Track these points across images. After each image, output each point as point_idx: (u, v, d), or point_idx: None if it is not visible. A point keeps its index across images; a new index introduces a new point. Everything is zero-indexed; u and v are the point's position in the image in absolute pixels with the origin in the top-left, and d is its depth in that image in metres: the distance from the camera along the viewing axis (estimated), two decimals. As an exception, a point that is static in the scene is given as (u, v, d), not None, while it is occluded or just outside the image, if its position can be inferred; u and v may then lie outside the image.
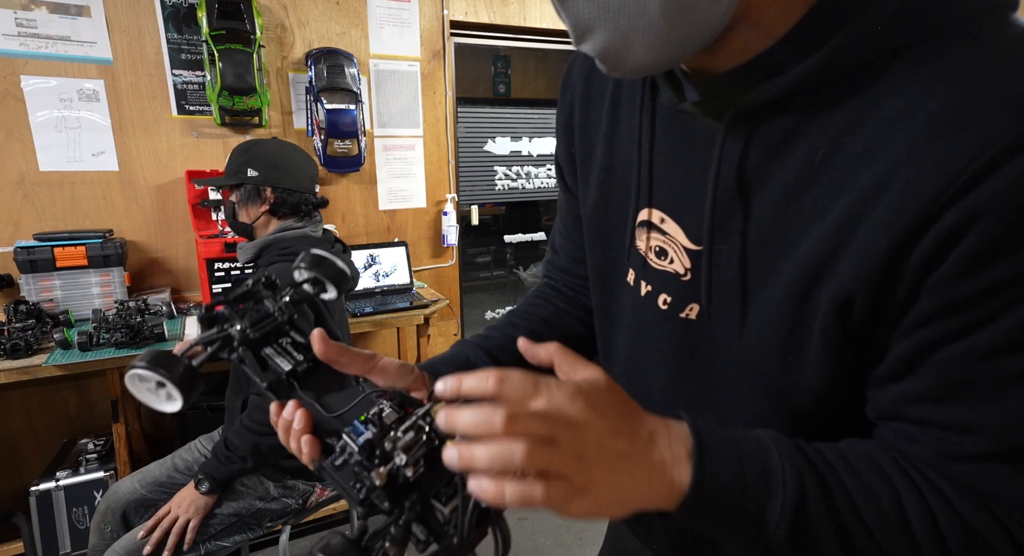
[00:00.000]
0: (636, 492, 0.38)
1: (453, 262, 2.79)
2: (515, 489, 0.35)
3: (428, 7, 2.49)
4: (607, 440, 0.38)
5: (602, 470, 0.37)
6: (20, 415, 2.08)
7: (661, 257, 0.54)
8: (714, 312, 0.50)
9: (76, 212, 2.06)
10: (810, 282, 0.42)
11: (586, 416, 0.37)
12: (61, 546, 1.82)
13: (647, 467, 0.39)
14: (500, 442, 0.35)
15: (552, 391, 0.37)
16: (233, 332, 0.48)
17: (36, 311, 1.82)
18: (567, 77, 0.66)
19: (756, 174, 0.45)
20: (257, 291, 0.50)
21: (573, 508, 0.36)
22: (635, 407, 0.41)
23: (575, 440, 0.36)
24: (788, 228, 0.43)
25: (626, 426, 0.39)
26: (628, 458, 0.38)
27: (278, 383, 0.48)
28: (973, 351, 0.38)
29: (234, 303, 0.49)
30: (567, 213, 0.73)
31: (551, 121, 3.05)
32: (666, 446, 0.40)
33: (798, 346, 0.44)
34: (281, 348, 0.49)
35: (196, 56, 2.13)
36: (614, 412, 0.39)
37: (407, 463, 0.38)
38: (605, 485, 0.37)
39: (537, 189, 3.10)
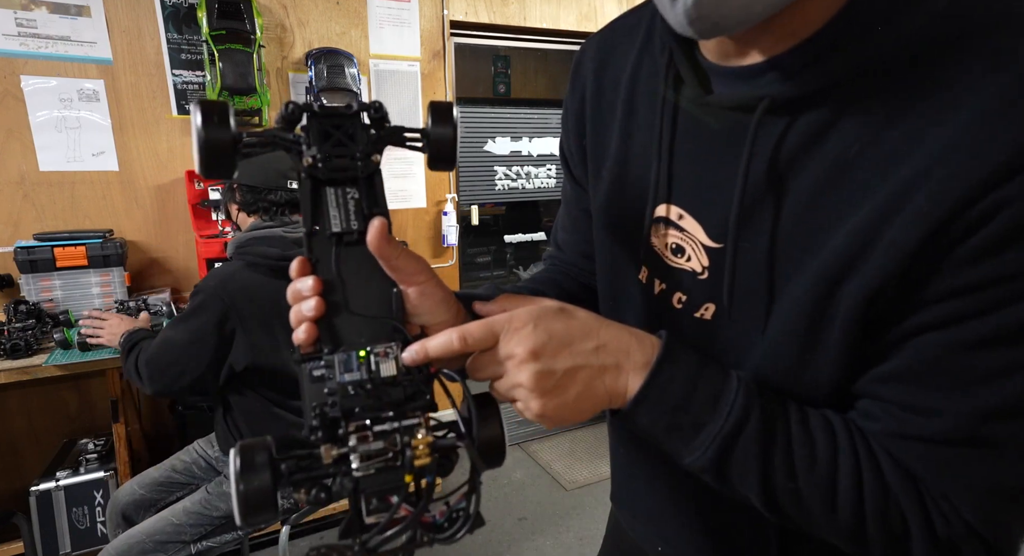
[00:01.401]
0: (590, 394, 0.44)
1: (453, 262, 2.79)
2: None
3: (428, 7, 2.49)
4: (559, 356, 0.43)
5: (558, 381, 0.43)
6: (20, 415, 2.09)
7: (678, 254, 0.53)
8: (733, 312, 0.49)
9: (76, 212, 2.06)
10: (836, 277, 0.41)
11: (536, 343, 0.43)
12: (61, 546, 1.82)
13: (600, 371, 0.44)
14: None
15: (507, 334, 0.44)
16: (305, 155, 0.41)
17: (36, 311, 1.82)
18: (577, 67, 0.65)
19: (788, 168, 0.44)
20: (355, 122, 0.43)
21: (540, 409, 0.43)
22: (588, 323, 0.45)
23: (536, 365, 0.43)
24: (816, 225, 0.43)
25: (577, 340, 0.44)
26: (581, 367, 0.44)
27: (319, 236, 0.42)
28: (960, 340, 0.38)
29: (322, 119, 0.42)
30: (574, 206, 0.71)
31: (551, 121, 3.05)
32: (623, 352, 0.45)
33: (817, 342, 0.44)
34: (343, 198, 0.43)
35: (196, 56, 2.13)
36: (564, 330, 0.44)
37: (358, 468, 0.37)
38: (570, 388, 0.44)
39: (537, 189, 3.09)
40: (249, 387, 1.46)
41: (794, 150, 0.43)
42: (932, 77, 0.38)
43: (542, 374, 0.42)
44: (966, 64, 0.37)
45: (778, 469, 0.43)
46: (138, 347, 1.43)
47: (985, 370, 0.38)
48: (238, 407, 1.48)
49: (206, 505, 1.44)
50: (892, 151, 0.39)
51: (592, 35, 0.64)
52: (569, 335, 0.44)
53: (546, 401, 0.43)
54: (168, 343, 1.35)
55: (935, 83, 0.38)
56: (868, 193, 0.40)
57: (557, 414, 0.44)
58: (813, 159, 0.42)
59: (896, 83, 0.39)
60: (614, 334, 0.45)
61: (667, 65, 0.52)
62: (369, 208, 0.43)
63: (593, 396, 0.44)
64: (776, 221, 0.45)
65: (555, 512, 2.34)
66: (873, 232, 0.39)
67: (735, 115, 0.47)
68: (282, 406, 1.49)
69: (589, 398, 0.44)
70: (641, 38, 0.57)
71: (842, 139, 0.41)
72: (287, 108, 0.40)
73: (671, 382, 0.44)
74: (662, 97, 0.52)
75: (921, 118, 0.38)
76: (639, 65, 0.57)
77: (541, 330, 0.43)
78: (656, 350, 0.45)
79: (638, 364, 0.44)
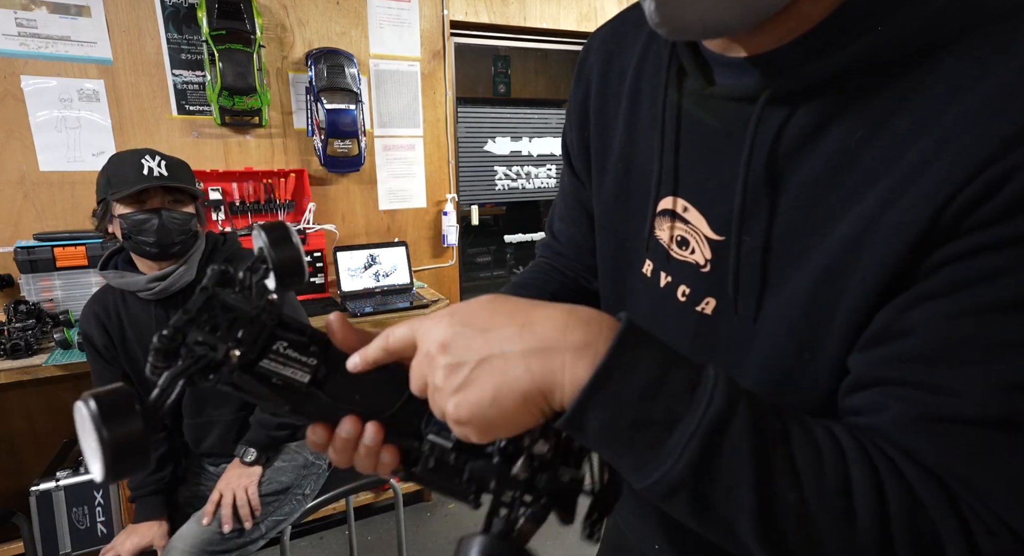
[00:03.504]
0: (511, 388, 0.35)
1: (453, 262, 2.79)
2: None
3: (428, 7, 2.49)
4: (472, 346, 0.37)
5: (469, 374, 0.36)
6: (20, 415, 2.08)
7: (683, 247, 0.52)
8: (731, 305, 0.48)
9: (76, 212, 2.06)
10: (838, 272, 0.40)
11: (447, 334, 0.37)
12: (61, 546, 1.81)
13: (522, 356, 0.35)
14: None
15: (422, 332, 0.39)
16: (222, 356, 0.37)
17: (36, 311, 1.82)
18: (583, 59, 0.64)
19: (788, 161, 0.43)
20: (216, 294, 0.39)
21: (454, 411, 0.37)
22: (518, 307, 0.38)
23: (445, 358, 0.37)
24: (818, 216, 0.42)
25: (497, 326, 0.37)
26: (497, 355, 0.36)
27: (300, 398, 0.40)
28: (970, 308, 0.34)
29: (197, 318, 0.38)
30: (571, 198, 0.70)
31: (551, 121, 3.05)
32: (555, 331, 0.36)
33: (818, 340, 0.43)
34: (281, 356, 0.39)
35: (196, 56, 2.13)
36: (484, 317, 0.38)
37: (545, 450, 0.38)
38: (485, 381, 0.36)
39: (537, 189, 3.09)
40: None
41: (796, 141, 0.43)
42: (934, 68, 0.37)
43: (450, 367, 0.36)
44: (968, 55, 0.36)
45: (778, 476, 0.34)
46: (263, 436, 1.43)
47: (1003, 338, 0.34)
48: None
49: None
50: (898, 138, 0.38)
51: (599, 27, 0.64)
52: (488, 322, 0.37)
53: (458, 400, 0.36)
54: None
55: (937, 74, 0.37)
56: (872, 182, 0.39)
57: (474, 416, 0.36)
58: (816, 150, 0.42)
59: (901, 73, 0.38)
60: (546, 313, 0.37)
61: (670, 56, 0.52)
62: (298, 333, 0.40)
63: (516, 390, 0.35)
64: (773, 215, 0.44)
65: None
66: (874, 222, 0.38)
67: (737, 106, 0.46)
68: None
69: (511, 393, 0.35)
70: (647, 32, 0.57)
71: (845, 130, 0.41)
72: (159, 340, 0.36)
73: (636, 364, 0.35)
74: (664, 88, 0.52)
75: (921, 109, 0.37)
76: (644, 57, 0.57)
77: (456, 320, 0.38)
78: (610, 327, 0.36)
79: (578, 344, 0.35)
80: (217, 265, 0.40)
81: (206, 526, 1.31)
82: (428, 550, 2.13)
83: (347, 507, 1.95)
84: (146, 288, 1.36)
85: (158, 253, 1.34)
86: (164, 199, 1.35)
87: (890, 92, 0.39)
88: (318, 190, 2.41)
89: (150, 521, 1.35)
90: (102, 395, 0.34)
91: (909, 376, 0.36)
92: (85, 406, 0.34)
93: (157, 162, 1.32)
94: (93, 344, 1.42)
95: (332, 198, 2.46)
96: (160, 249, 1.33)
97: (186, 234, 1.37)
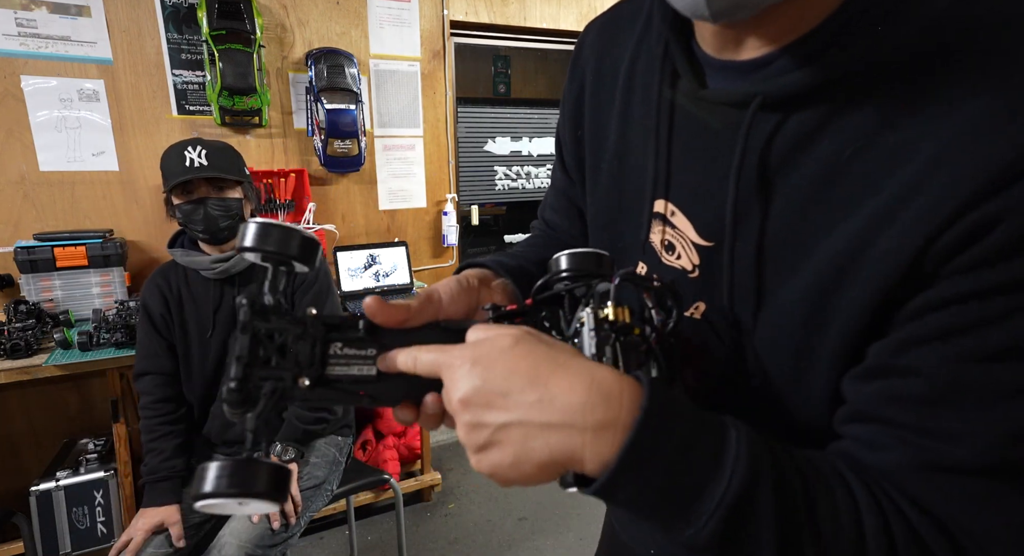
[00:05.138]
0: (529, 457, 0.36)
1: (453, 262, 2.79)
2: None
3: (428, 7, 2.49)
4: (492, 408, 0.37)
5: (490, 438, 0.37)
6: (20, 415, 2.09)
7: (669, 252, 0.52)
8: (723, 312, 0.47)
9: (76, 212, 2.06)
10: (832, 282, 0.40)
11: (466, 390, 0.37)
12: (61, 546, 1.81)
13: (542, 430, 0.36)
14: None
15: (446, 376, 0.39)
16: (291, 383, 0.39)
17: (36, 311, 1.82)
18: (578, 52, 0.63)
19: (779, 167, 0.43)
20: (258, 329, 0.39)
21: (476, 464, 0.39)
22: (539, 366, 0.37)
23: (465, 415, 0.38)
24: (808, 226, 0.41)
25: (517, 390, 0.37)
26: (515, 424, 0.36)
27: (375, 389, 0.41)
28: (971, 351, 0.35)
29: (252, 360, 0.39)
30: (561, 193, 0.69)
31: (551, 121, 3.05)
32: (574, 409, 0.36)
33: (812, 349, 0.42)
34: (342, 358, 0.40)
35: (196, 56, 2.13)
36: (503, 374, 0.37)
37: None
38: (504, 447, 0.37)
39: (537, 189, 3.09)
40: None
41: (788, 148, 0.42)
42: (930, 80, 0.37)
43: (471, 427, 0.38)
44: (965, 67, 0.36)
45: (799, 535, 0.35)
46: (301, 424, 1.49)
47: (1006, 385, 0.34)
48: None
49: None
50: (888, 155, 0.38)
51: (592, 20, 0.63)
52: (507, 382, 0.37)
53: (480, 458, 0.38)
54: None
55: (932, 86, 0.37)
56: (862, 197, 0.39)
57: (498, 474, 0.38)
58: (807, 158, 0.41)
59: (893, 84, 0.38)
60: (566, 385, 0.36)
61: (663, 57, 0.51)
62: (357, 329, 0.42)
63: (534, 460, 0.36)
64: (764, 220, 0.44)
65: (555, 512, 2.34)
66: (869, 238, 0.38)
67: (729, 111, 0.46)
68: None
69: (529, 461, 0.36)
70: (640, 26, 0.56)
71: (836, 140, 0.40)
72: (231, 394, 0.38)
73: (661, 443, 0.35)
74: (658, 90, 0.51)
75: (918, 122, 0.37)
76: (637, 54, 0.56)
77: (476, 374, 0.37)
78: (632, 400, 0.36)
79: (600, 424, 0.35)
80: (240, 297, 0.40)
81: (256, 524, 1.36)
82: (428, 550, 2.13)
83: (347, 507, 1.95)
84: (210, 268, 1.47)
85: (209, 238, 1.46)
86: (208, 188, 1.44)
87: (882, 103, 0.38)
88: (318, 190, 2.41)
89: (160, 506, 1.37)
90: (225, 484, 0.36)
91: (912, 420, 0.37)
92: (225, 497, 0.36)
93: (198, 152, 1.39)
94: (149, 314, 1.49)
95: (332, 198, 2.46)
96: (210, 235, 1.45)
97: (232, 219, 1.46)
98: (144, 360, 1.49)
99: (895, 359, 0.38)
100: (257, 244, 0.40)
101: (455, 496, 2.45)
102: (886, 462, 0.38)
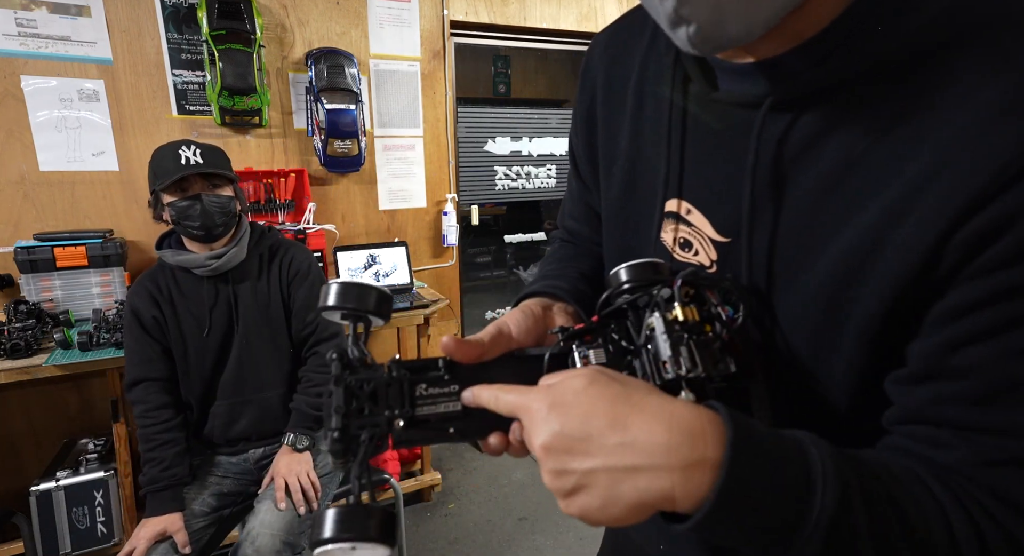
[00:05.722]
0: (617, 500, 0.37)
1: (453, 262, 2.79)
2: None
3: (428, 7, 2.49)
4: (574, 454, 0.37)
5: (576, 483, 0.38)
6: (20, 415, 2.08)
7: (685, 249, 0.53)
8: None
9: (76, 212, 2.06)
10: (847, 277, 0.41)
11: (547, 437, 0.38)
12: (61, 546, 1.81)
13: (628, 474, 0.36)
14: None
15: (525, 421, 0.40)
16: (386, 426, 0.42)
17: (36, 311, 1.82)
18: (587, 66, 0.65)
19: (792, 165, 0.44)
20: (350, 383, 0.43)
21: (565, 509, 0.39)
22: (616, 408, 0.38)
23: (549, 462, 0.38)
24: (822, 221, 0.43)
25: (597, 435, 0.37)
26: (601, 470, 0.37)
27: (463, 423, 0.44)
28: (1015, 348, 0.35)
29: (348, 409, 0.42)
30: (579, 200, 0.72)
31: (551, 121, 3.05)
32: (657, 451, 0.36)
33: (832, 341, 0.43)
34: (428, 398, 0.44)
35: (196, 56, 2.13)
36: (581, 419, 0.37)
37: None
38: (592, 491, 0.37)
39: (537, 189, 3.09)
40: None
41: (800, 147, 0.43)
42: (937, 76, 0.38)
43: (555, 474, 0.38)
44: (970, 63, 0.37)
45: (895, 542, 0.36)
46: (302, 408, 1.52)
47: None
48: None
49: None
50: (899, 150, 0.39)
51: (600, 32, 0.65)
52: (586, 426, 0.37)
53: (568, 503, 0.38)
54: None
55: (940, 82, 0.37)
56: (875, 192, 0.40)
57: (589, 517, 0.38)
58: (819, 156, 0.43)
59: (900, 82, 0.39)
60: (646, 426, 0.36)
61: (674, 61, 0.52)
62: (437, 370, 0.45)
63: (623, 503, 0.36)
64: (778, 217, 0.45)
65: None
66: (883, 231, 0.39)
67: (740, 112, 0.47)
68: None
69: (618, 505, 0.37)
70: (650, 33, 0.57)
71: (847, 138, 0.41)
72: (333, 444, 0.41)
73: (752, 478, 0.35)
74: (670, 93, 0.52)
75: (926, 117, 0.38)
76: (647, 61, 0.57)
77: (553, 419, 0.38)
78: (716, 436, 0.36)
79: (688, 463, 0.35)
80: (331, 353, 0.43)
81: (284, 511, 1.38)
82: (428, 550, 2.13)
83: (347, 507, 1.95)
84: (204, 265, 1.47)
85: (204, 235, 1.45)
86: (203, 185, 1.45)
87: (890, 103, 0.39)
88: (318, 190, 2.41)
89: (162, 514, 1.36)
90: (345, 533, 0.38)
91: (969, 419, 0.38)
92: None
93: (193, 151, 1.42)
94: (140, 319, 1.48)
95: (332, 198, 2.46)
96: (205, 231, 1.44)
97: (227, 215, 1.47)
98: (137, 367, 1.47)
99: (942, 362, 0.38)
100: (339, 303, 0.44)
101: (455, 496, 2.45)
102: (954, 459, 0.38)
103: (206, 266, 1.47)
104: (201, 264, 1.47)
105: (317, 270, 1.64)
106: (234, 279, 1.52)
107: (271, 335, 1.55)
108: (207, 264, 1.47)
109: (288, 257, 1.60)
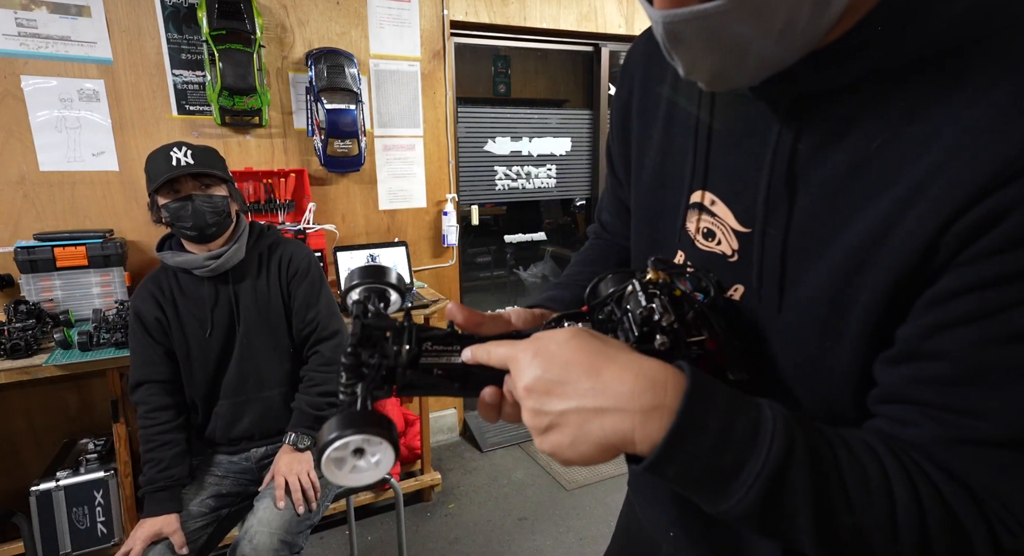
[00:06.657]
0: (586, 439, 0.41)
1: (453, 262, 2.79)
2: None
3: (428, 7, 2.49)
4: (552, 394, 0.42)
5: (551, 422, 0.42)
6: (20, 415, 2.09)
7: (708, 238, 0.55)
8: (759, 294, 0.50)
9: (76, 212, 2.06)
10: (854, 267, 0.43)
11: (529, 378, 0.42)
12: (61, 546, 1.82)
13: (596, 414, 0.41)
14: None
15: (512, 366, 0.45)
16: (394, 358, 0.46)
17: (36, 311, 1.82)
18: (626, 67, 0.68)
19: (808, 160, 0.46)
20: (368, 322, 0.48)
21: (539, 445, 0.44)
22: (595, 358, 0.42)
23: (529, 401, 0.43)
24: (834, 215, 0.44)
25: (574, 379, 0.41)
26: (573, 410, 0.41)
27: (463, 376, 0.49)
28: (993, 334, 0.37)
29: (363, 341, 0.47)
30: (614, 197, 0.77)
31: (551, 121, 3.04)
32: (624, 395, 0.40)
33: (837, 330, 0.45)
34: (433, 352, 0.48)
35: (196, 56, 2.13)
36: (562, 364, 0.42)
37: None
38: (564, 429, 0.42)
39: (537, 189, 3.09)
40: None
41: (815, 143, 0.46)
42: (950, 77, 0.39)
43: (533, 413, 0.43)
44: (983, 65, 0.38)
45: (834, 503, 0.39)
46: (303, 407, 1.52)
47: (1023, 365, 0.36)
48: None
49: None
50: (910, 148, 0.40)
51: (639, 36, 0.69)
52: (565, 372, 0.42)
53: (542, 440, 0.43)
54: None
55: (952, 83, 0.39)
56: (886, 188, 0.41)
57: (559, 455, 0.43)
58: (834, 152, 0.45)
59: (915, 82, 0.41)
60: (616, 374, 0.41)
61: None
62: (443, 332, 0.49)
63: (590, 440, 0.41)
64: (792, 209, 0.47)
65: (555, 512, 2.34)
66: (889, 225, 0.40)
67: (763, 106, 0.49)
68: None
69: (585, 442, 0.41)
70: None
71: (863, 134, 0.43)
72: (346, 358, 0.46)
73: (704, 423, 0.39)
74: (699, 89, 0.55)
75: (938, 116, 0.39)
76: None
77: (537, 364, 0.43)
78: (676, 387, 0.40)
79: (648, 407, 0.40)
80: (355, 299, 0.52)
81: (282, 509, 1.38)
82: (428, 550, 2.13)
83: (347, 507, 1.95)
84: (203, 265, 1.48)
85: (197, 236, 1.45)
86: (194, 185, 1.45)
87: (905, 101, 0.41)
88: (318, 190, 2.41)
89: (159, 515, 1.36)
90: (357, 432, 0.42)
91: (938, 399, 0.40)
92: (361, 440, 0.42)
93: (184, 152, 1.42)
94: (143, 321, 1.49)
95: (332, 198, 2.46)
96: (198, 231, 1.44)
97: (220, 215, 1.46)
98: (140, 369, 1.48)
99: (922, 343, 0.40)
100: (362, 278, 0.52)
101: (455, 496, 2.45)
102: (915, 436, 0.41)
103: (205, 267, 1.48)
104: (200, 265, 1.47)
105: (317, 267, 1.64)
106: (234, 279, 1.53)
107: (272, 334, 1.55)
108: (206, 265, 1.47)
109: (287, 255, 1.60)
